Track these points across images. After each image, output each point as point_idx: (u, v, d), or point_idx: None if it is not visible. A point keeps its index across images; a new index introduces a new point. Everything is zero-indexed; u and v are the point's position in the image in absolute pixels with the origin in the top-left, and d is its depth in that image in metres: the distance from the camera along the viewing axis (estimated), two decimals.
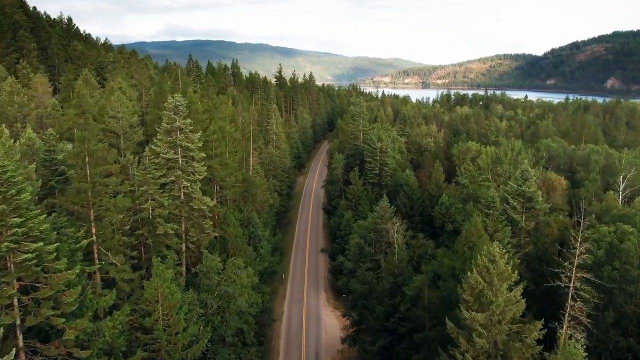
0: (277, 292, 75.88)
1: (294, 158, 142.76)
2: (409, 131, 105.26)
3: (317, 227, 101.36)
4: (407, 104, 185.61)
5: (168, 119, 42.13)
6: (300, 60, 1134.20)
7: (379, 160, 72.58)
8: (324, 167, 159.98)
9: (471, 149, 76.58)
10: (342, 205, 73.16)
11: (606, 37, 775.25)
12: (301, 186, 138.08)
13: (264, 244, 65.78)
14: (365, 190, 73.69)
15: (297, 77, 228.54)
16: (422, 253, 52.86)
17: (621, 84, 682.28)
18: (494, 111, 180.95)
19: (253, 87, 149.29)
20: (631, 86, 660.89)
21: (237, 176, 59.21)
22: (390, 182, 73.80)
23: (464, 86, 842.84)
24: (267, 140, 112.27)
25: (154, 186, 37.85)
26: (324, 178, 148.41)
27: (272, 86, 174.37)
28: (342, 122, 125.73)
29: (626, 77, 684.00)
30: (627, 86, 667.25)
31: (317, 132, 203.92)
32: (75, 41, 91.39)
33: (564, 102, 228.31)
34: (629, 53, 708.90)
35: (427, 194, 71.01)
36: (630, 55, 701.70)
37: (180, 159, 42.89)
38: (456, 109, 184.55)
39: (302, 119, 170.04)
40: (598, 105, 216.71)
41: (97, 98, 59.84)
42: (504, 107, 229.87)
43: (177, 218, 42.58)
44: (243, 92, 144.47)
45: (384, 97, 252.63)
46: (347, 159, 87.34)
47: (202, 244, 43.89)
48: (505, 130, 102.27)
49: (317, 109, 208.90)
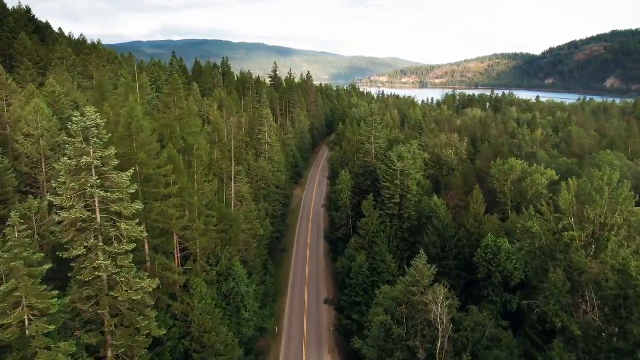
0: (268, 352, 58.28)
1: (291, 168, 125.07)
2: (425, 141, 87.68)
3: (317, 257, 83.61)
4: (416, 107, 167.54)
5: (73, 150, 24.37)
6: (297, 60, 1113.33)
7: (399, 185, 54.96)
8: (324, 176, 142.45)
9: (515, 168, 59.07)
10: (352, 244, 55.44)
11: (605, 37, 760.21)
12: (298, 200, 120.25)
13: (249, 302, 48.20)
14: (382, 223, 56.09)
15: (293, 76, 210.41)
16: (478, 338, 35.43)
17: (621, 84, 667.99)
18: (508, 114, 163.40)
19: (244, 88, 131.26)
20: (631, 85, 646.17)
21: (209, 217, 41.53)
22: (413, 212, 56.25)
23: (462, 86, 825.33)
24: (258, 151, 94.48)
25: (29, 281, 20.13)
26: (325, 190, 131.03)
27: (266, 87, 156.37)
28: (347, 130, 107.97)
29: (626, 76, 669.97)
30: (627, 85, 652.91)
31: (315, 136, 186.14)
32: (22, 33, 73.21)
33: (578, 103, 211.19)
34: (628, 52, 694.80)
35: (464, 230, 53.50)
36: (630, 55, 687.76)
37: (99, 217, 25.19)
38: (466, 112, 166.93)
39: (299, 123, 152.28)
40: (616, 107, 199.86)
41: (15, 107, 41.98)
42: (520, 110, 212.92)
43: (92, 318, 24.86)
44: (232, 94, 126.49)
45: (387, 98, 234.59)
46: (355, 179, 69.66)
47: (136, 354, 26.18)
48: (541, 140, 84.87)
49: (315, 111, 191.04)
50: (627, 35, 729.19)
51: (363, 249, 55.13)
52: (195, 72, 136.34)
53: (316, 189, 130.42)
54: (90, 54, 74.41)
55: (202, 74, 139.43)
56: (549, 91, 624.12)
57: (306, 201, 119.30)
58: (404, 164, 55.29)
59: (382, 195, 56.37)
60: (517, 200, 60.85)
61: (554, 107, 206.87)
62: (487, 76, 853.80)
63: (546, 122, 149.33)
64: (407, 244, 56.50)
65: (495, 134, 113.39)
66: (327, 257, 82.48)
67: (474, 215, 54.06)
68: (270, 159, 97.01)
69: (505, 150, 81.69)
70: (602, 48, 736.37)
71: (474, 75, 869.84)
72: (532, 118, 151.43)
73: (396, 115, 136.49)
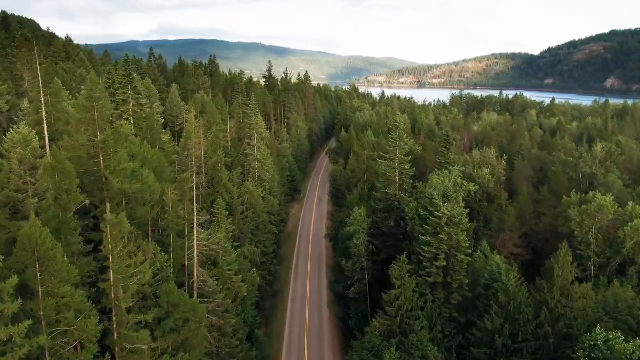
0: None
1: (287, 182, 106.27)
2: (453, 158, 68.97)
3: (319, 307, 64.79)
4: (428, 112, 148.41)
5: None
6: (294, 60, 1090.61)
7: (446, 240, 36.05)
8: (324, 191, 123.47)
9: (606, 209, 40.48)
10: (375, 327, 36.47)
11: (604, 36, 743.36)
12: (296, 222, 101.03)
13: None
14: (421, 296, 37.27)
15: (290, 76, 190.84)
16: None
17: (621, 84, 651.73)
18: (529, 119, 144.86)
19: (233, 91, 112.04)
20: (632, 86, 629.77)
21: (140, 334, 22.74)
22: (465, 279, 37.48)
23: (460, 86, 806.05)
24: (246, 170, 75.39)
25: None
26: (326, 207, 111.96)
27: (259, 88, 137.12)
28: (355, 143, 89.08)
29: (626, 76, 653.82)
30: (627, 86, 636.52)
31: (314, 141, 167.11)
32: None
33: (597, 105, 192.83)
34: (628, 52, 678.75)
35: (545, 312, 34.82)
36: (630, 55, 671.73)
37: None
38: (482, 116, 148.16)
39: (296, 129, 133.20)
40: None
41: None
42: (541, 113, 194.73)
43: None
44: (218, 98, 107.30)
45: (391, 100, 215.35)
46: (373, 215, 50.72)
47: None
48: (601, 157, 65.87)
49: (314, 114, 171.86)
50: (627, 35, 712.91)
51: (392, 335, 36.25)
52: (176, 71, 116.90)
53: (316, 207, 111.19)
54: (20, 47, 55.31)
55: (185, 74, 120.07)
56: (548, 91, 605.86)
57: (305, 223, 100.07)
58: (451, 207, 36.41)
59: (419, 254, 37.46)
60: (606, 255, 42.20)
61: (574, 110, 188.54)
62: (486, 76, 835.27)
63: (574, 128, 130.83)
64: (457, 326, 37.70)
65: (528, 145, 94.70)
66: (330, 308, 63.67)
67: (559, 288, 35.35)
68: (261, 179, 78.08)
69: (558, 172, 62.83)
70: (601, 48, 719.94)
71: (472, 75, 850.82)
72: (558, 124, 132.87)
73: (406, 120, 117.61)
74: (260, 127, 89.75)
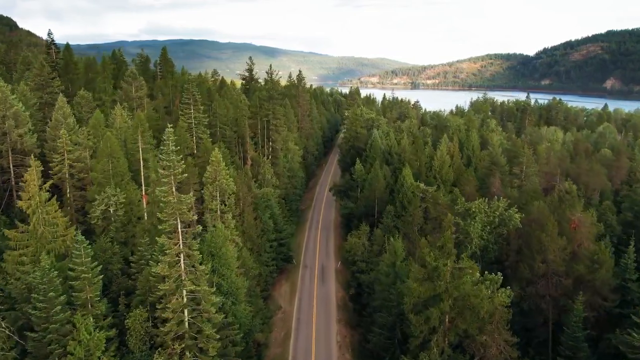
0: None
1: (269, 261, 62.14)
2: None
3: None
4: (492, 132, 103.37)
5: None
6: (285, 60, 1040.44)
7: None
8: (326, 254, 79.72)
9: None
10: None
11: (601, 37, 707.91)
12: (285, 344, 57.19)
13: None
14: None
15: (279, 76, 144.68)
16: None
17: (621, 85, 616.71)
18: (608, 135, 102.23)
19: (181, 102, 67.35)
20: (632, 87, 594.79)
21: None
22: None
23: (455, 86, 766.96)
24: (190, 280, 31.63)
25: None
26: (334, 289, 67.80)
27: (233, 95, 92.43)
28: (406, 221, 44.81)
29: (626, 77, 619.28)
30: (627, 87, 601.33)
31: (310, 164, 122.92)
32: None
33: (624, 112, 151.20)
34: (626, 52, 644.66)
35: None
36: (628, 55, 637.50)
37: None
38: (542, 133, 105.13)
39: (286, 153, 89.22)
40: None
41: None
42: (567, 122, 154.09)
43: None
44: (160, 113, 62.46)
45: (406, 106, 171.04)
46: None
47: None
48: None
49: (309, 127, 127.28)
50: (624, 35, 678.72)
51: None
52: (91, 71, 71.37)
53: (318, 289, 66.43)
54: None
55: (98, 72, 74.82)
56: (546, 92, 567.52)
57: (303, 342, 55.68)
58: None
59: None
60: None
61: (632, 118, 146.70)
62: (481, 77, 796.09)
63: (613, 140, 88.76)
64: None
65: None
66: None
67: None
68: (225, 268, 34.08)
69: None
70: (598, 48, 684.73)
71: (466, 76, 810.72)
72: (602, 137, 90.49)
73: (455, 149, 73.88)
74: (220, 174, 45.63)
